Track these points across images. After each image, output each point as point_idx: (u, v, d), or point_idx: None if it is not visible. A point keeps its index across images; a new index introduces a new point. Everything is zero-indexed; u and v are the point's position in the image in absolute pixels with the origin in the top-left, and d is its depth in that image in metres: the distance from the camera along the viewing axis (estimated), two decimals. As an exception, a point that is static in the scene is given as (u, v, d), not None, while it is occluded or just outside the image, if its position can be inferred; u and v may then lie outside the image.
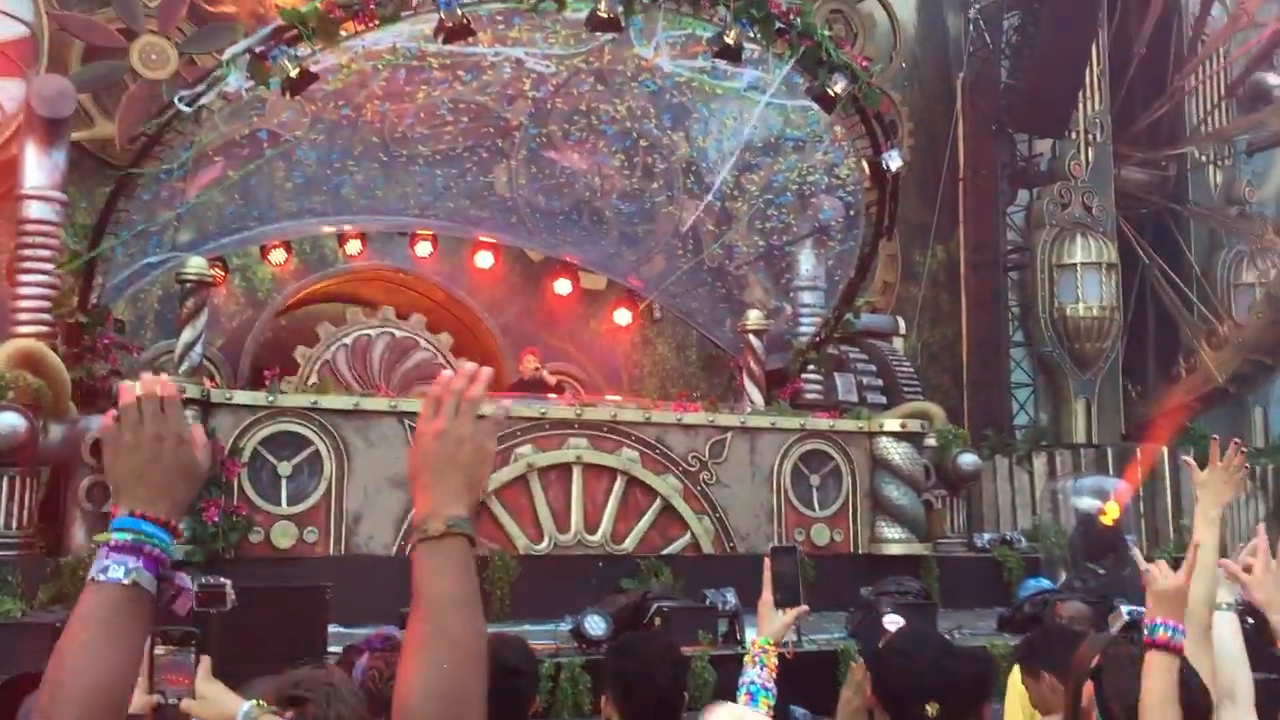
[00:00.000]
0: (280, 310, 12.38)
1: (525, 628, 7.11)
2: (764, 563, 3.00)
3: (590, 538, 9.24)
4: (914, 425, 10.61)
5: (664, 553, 9.36)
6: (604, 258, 12.78)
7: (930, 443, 10.93)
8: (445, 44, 8.52)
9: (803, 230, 11.72)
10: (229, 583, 2.43)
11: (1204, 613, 2.70)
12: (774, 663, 2.86)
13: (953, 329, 16.08)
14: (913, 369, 12.62)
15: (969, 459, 11.11)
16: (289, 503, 8.39)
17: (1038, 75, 15.37)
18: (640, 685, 2.96)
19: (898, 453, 10.38)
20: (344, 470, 8.52)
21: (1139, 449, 14.98)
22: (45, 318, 8.62)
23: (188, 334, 8.79)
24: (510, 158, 11.57)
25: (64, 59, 11.10)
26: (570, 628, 7.12)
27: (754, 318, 11.33)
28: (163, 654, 1.99)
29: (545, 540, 9.09)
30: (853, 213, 11.29)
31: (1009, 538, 11.72)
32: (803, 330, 11.63)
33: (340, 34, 8.27)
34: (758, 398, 10.96)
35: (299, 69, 8.06)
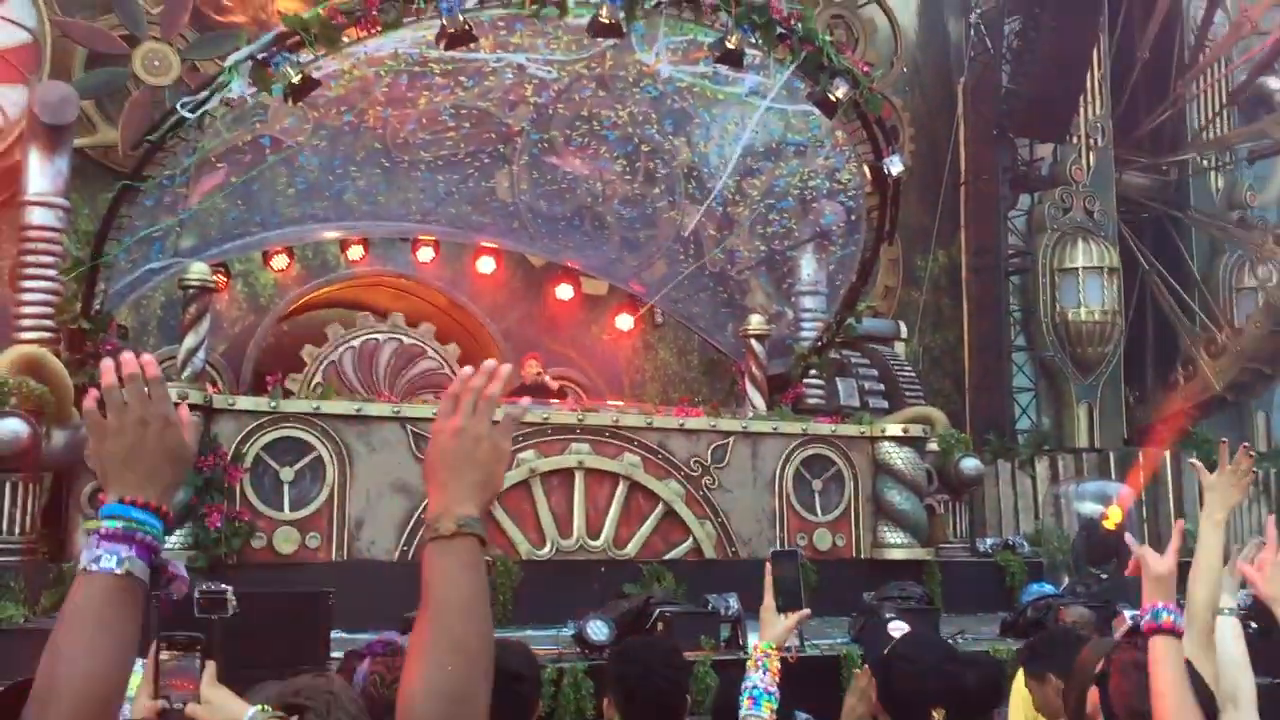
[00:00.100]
0: (283, 316, 12.39)
1: (528, 633, 7.11)
2: (765, 567, 3.00)
3: (592, 543, 9.24)
4: (916, 430, 10.62)
5: (666, 558, 9.36)
6: (606, 263, 12.79)
7: (932, 447, 10.93)
8: (447, 50, 8.53)
9: (804, 235, 11.73)
10: (230, 588, 2.43)
11: (1207, 617, 2.69)
12: (776, 667, 2.86)
13: (954, 333, 16.07)
14: (914, 374, 12.60)
15: (971, 463, 11.11)
16: (291, 508, 8.39)
17: (1039, 80, 15.38)
18: (642, 690, 2.96)
19: (900, 457, 10.38)
20: (346, 476, 8.52)
21: (1141, 453, 14.97)
22: (48, 324, 8.62)
23: (190, 340, 8.81)
24: (512, 163, 11.57)
25: (67, 65, 11.13)
26: (573, 633, 7.12)
27: (756, 322, 11.34)
28: (167, 659, 1.98)
29: (548, 545, 9.09)
30: (854, 217, 11.30)
31: (1011, 542, 11.71)
32: (804, 335, 11.63)
33: (343, 40, 8.29)
34: (760, 402, 10.97)
35: (301, 75, 8.08)
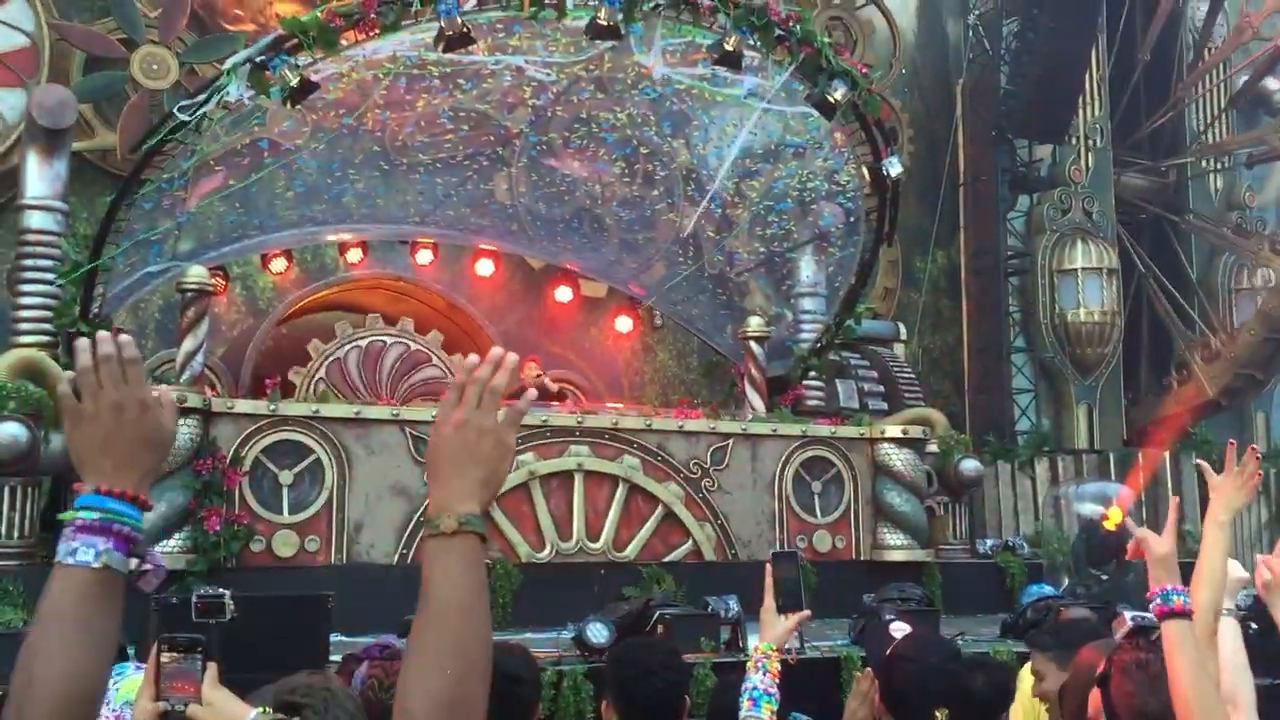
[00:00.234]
0: (281, 319, 12.38)
1: (527, 635, 7.10)
2: (766, 569, 3.00)
3: (592, 545, 9.23)
4: (916, 431, 10.61)
5: (666, 560, 9.35)
6: (604, 265, 12.78)
7: (932, 449, 10.92)
8: (445, 52, 8.53)
9: (803, 237, 11.72)
10: (228, 593, 2.43)
11: (1209, 619, 2.68)
12: (776, 668, 2.85)
13: (954, 335, 16.07)
14: (914, 375, 12.60)
15: (971, 465, 11.10)
16: (290, 512, 8.38)
17: (1037, 81, 15.39)
18: (640, 693, 2.96)
19: (899, 459, 10.38)
20: (345, 479, 8.51)
21: (1141, 454, 14.96)
22: (47, 328, 8.61)
23: (189, 343, 8.79)
24: (510, 165, 11.57)
25: (65, 69, 11.13)
26: (572, 635, 7.11)
27: (755, 324, 11.33)
28: (168, 661, 1.97)
29: (547, 548, 9.08)
30: (853, 219, 11.29)
31: (1011, 544, 11.71)
32: (804, 337, 11.63)
33: (341, 43, 8.29)
34: (759, 404, 10.96)
35: (300, 78, 8.07)
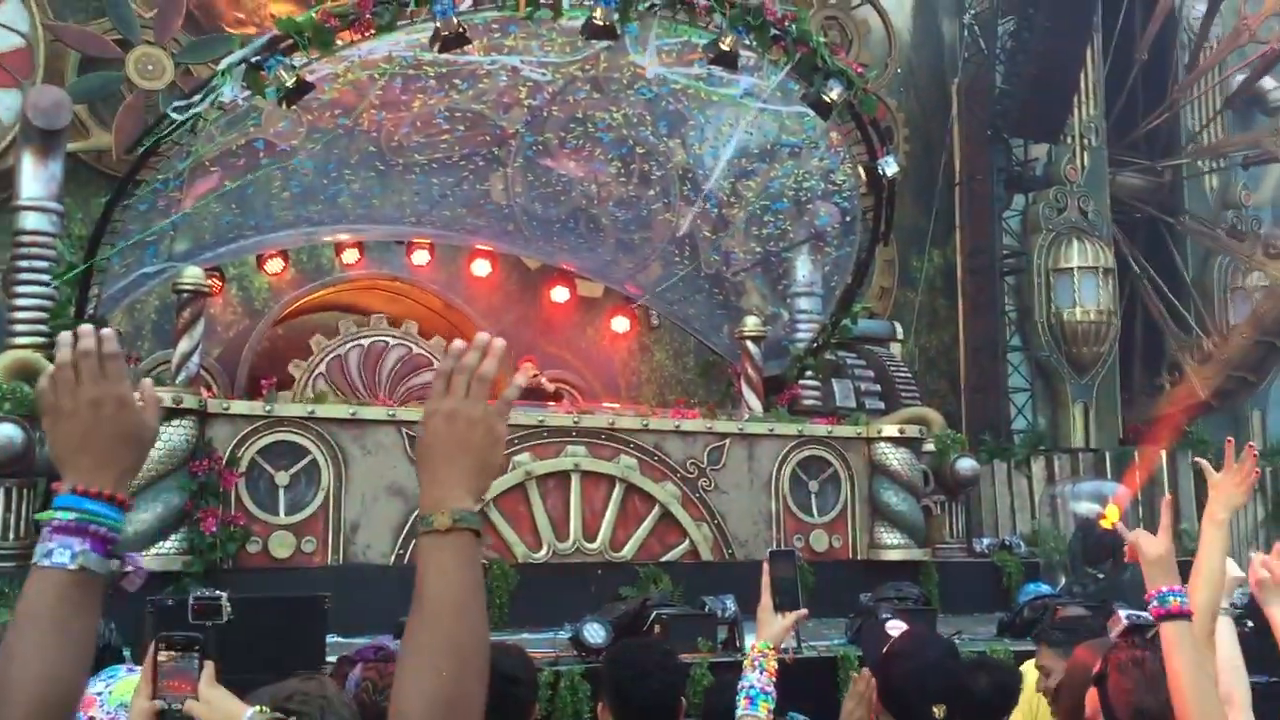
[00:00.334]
0: (277, 320, 12.36)
1: (524, 636, 7.10)
2: (763, 567, 3.00)
3: (589, 545, 9.23)
4: (912, 431, 10.61)
5: (663, 560, 9.35)
6: (601, 265, 12.78)
7: (928, 448, 10.93)
8: (441, 53, 8.53)
9: (799, 236, 11.72)
10: (225, 595, 2.42)
11: (1207, 619, 2.68)
12: (773, 666, 2.85)
13: (950, 334, 16.08)
14: (910, 374, 12.61)
15: (967, 464, 11.11)
16: (287, 512, 8.37)
17: (1032, 80, 15.40)
18: (636, 694, 2.95)
19: (896, 458, 10.38)
20: (342, 479, 8.50)
21: (1137, 453, 14.98)
22: (42, 329, 8.59)
23: (184, 344, 8.78)
24: (506, 165, 11.56)
25: (60, 70, 11.10)
26: (569, 636, 7.11)
27: (751, 324, 11.33)
28: (165, 660, 1.96)
29: (544, 548, 9.07)
30: (849, 218, 11.30)
31: (1008, 543, 11.72)
32: (800, 336, 11.63)
33: (336, 43, 8.28)
34: (755, 404, 10.96)
35: (295, 79, 8.06)
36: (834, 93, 9.39)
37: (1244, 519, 14.32)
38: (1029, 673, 3.92)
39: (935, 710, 2.72)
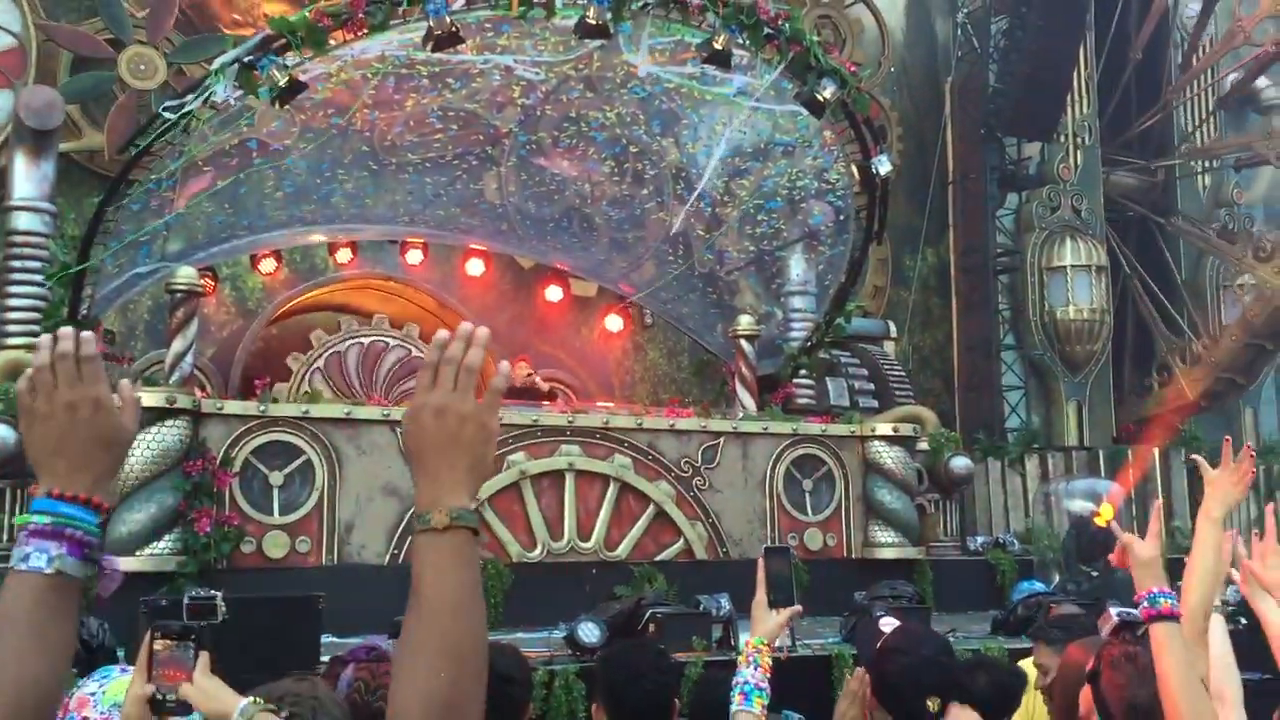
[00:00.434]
0: (271, 320, 12.35)
1: (519, 635, 7.10)
2: (758, 563, 3.00)
3: (583, 545, 9.23)
4: (906, 429, 10.63)
5: (657, 559, 9.36)
6: (594, 264, 12.78)
7: (922, 446, 10.95)
8: (434, 52, 8.52)
9: (793, 235, 11.73)
10: (219, 595, 2.42)
11: (1200, 618, 2.69)
12: (768, 663, 2.85)
13: (943, 332, 16.10)
14: (904, 373, 12.62)
15: (961, 462, 11.13)
16: (281, 513, 8.36)
17: (1026, 79, 15.43)
18: (630, 694, 2.96)
19: (890, 457, 10.40)
20: (336, 479, 8.50)
21: (1131, 452, 15.01)
22: (35, 329, 8.58)
23: (178, 344, 8.77)
24: (500, 165, 11.56)
25: (52, 70, 11.08)
26: (564, 635, 7.11)
27: (745, 323, 11.34)
28: (161, 649, 1.96)
29: (538, 548, 9.08)
30: (843, 217, 11.31)
31: (1002, 541, 11.75)
32: (794, 335, 11.64)
33: (329, 43, 8.27)
34: (750, 403, 10.97)
35: (288, 78, 8.05)
36: (827, 91, 9.40)
37: (1237, 518, 14.33)
38: (1031, 671, 3.93)
39: (929, 703, 2.73)
